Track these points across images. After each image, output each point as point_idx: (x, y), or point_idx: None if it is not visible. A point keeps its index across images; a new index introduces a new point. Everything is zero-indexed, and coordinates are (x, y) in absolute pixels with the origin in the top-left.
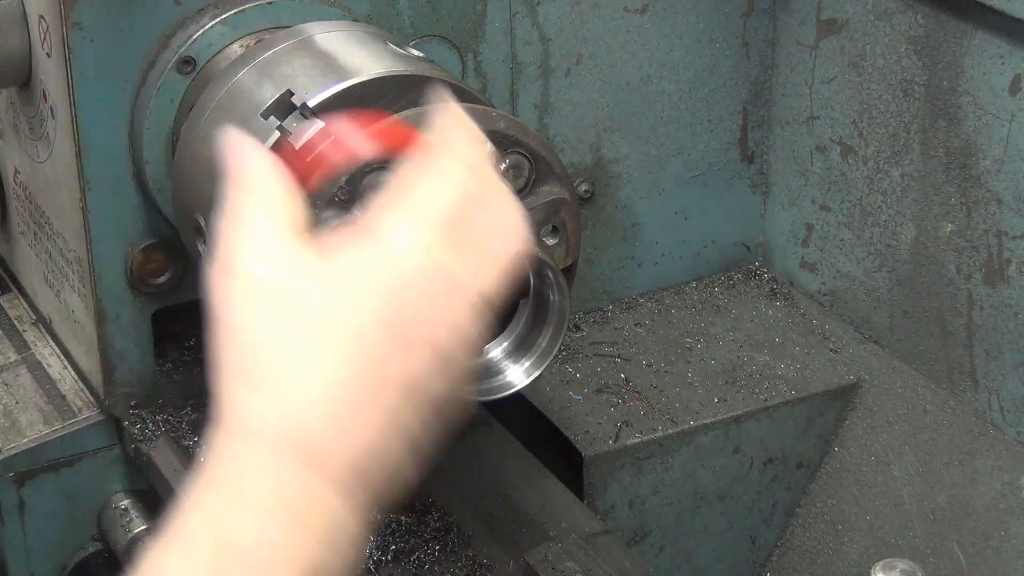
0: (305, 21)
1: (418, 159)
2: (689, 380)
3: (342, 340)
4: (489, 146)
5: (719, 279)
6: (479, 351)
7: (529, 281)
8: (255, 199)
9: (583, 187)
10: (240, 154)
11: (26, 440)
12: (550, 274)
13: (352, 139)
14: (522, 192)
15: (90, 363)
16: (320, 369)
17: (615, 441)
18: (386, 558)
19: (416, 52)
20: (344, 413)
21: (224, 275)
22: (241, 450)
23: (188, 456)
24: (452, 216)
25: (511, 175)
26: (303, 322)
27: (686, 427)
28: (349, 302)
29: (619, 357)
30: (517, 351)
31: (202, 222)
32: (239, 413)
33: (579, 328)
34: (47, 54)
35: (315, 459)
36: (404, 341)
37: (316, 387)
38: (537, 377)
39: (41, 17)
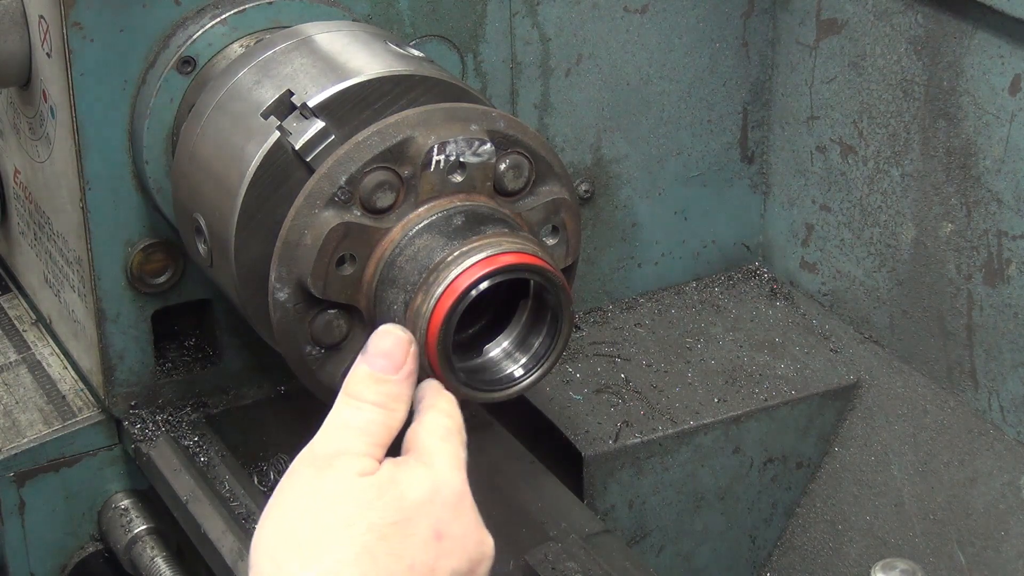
0: (305, 21)
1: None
2: (689, 380)
3: (395, 541)
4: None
5: (719, 279)
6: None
7: (530, 283)
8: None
9: (583, 187)
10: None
11: (26, 440)
12: (557, 294)
13: None
14: (522, 192)
15: (90, 363)
16: (369, 562)
17: (615, 441)
18: None
19: (416, 52)
20: None
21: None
22: None
23: (188, 456)
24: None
25: (511, 175)
26: (364, 523)
27: (686, 427)
28: (399, 510)
29: (619, 357)
30: (517, 351)
31: (201, 222)
32: None
33: (579, 328)
34: (47, 54)
35: None
36: (449, 549)
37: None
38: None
39: (41, 17)
